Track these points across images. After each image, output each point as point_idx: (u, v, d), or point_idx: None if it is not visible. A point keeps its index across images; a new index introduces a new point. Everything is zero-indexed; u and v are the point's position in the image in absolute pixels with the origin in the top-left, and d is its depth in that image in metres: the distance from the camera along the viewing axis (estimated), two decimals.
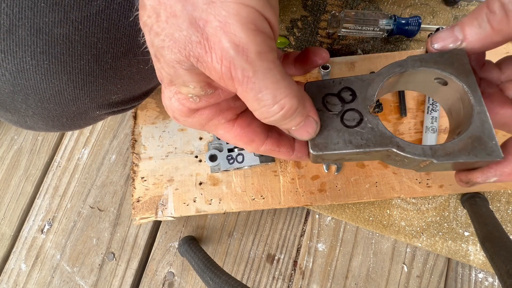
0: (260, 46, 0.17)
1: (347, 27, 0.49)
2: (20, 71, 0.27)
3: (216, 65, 0.17)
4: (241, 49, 0.16)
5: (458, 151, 0.21)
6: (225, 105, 0.23)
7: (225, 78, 0.17)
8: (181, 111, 0.22)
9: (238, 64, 0.17)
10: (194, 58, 0.17)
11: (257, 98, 0.18)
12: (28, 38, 0.26)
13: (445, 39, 0.22)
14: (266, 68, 0.17)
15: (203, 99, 0.21)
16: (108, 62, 0.30)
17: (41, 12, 0.25)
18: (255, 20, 0.17)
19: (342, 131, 0.23)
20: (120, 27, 0.29)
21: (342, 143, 0.23)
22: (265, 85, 0.18)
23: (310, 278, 0.50)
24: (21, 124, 0.33)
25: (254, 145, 0.24)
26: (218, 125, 0.23)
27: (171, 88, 0.21)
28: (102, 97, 0.33)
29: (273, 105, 0.18)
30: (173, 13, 0.17)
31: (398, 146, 0.22)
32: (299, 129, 0.21)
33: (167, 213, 0.48)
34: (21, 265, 0.56)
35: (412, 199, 0.49)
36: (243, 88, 0.18)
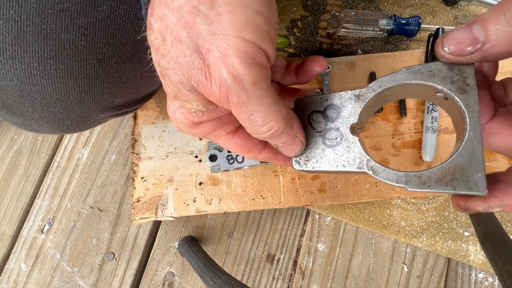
0: (255, 77, 0.19)
1: (347, 27, 0.49)
2: (27, 76, 0.28)
3: (215, 90, 0.19)
4: (237, 79, 0.18)
5: (434, 181, 0.19)
6: (226, 119, 0.24)
7: (222, 101, 0.20)
8: (185, 124, 0.23)
9: (234, 91, 0.19)
10: (195, 82, 0.19)
11: (249, 119, 0.20)
12: (35, 44, 0.27)
13: (462, 41, 0.17)
14: (259, 95, 0.19)
15: (206, 114, 0.23)
16: (113, 66, 0.31)
17: (49, 18, 0.26)
18: (253, 54, 0.18)
19: (323, 150, 0.24)
20: (125, 32, 0.30)
21: (322, 162, 0.24)
22: (256, 109, 0.20)
23: (310, 278, 0.50)
24: (26, 127, 0.34)
25: (253, 154, 0.27)
26: (220, 136, 0.25)
27: (175, 102, 0.23)
28: (107, 101, 0.34)
29: (262, 126, 0.21)
30: (179, 39, 0.18)
31: (372, 170, 0.21)
32: (285, 147, 0.23)
33: (167, 213, 0.48)
34: (21, 265, 0.56)
35: (412, 199, 0.49)
36: (238, 110, 0.20)
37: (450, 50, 0.18)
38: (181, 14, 0.18)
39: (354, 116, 0.23)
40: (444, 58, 0.18)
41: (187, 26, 0.18)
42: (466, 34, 0.17)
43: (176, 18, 0.18)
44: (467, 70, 0.19)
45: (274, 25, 0.19)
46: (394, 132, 0.48)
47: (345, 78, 0.50)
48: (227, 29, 0.17)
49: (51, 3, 0.26)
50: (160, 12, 0.18)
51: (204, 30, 0.18)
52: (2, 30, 0.26)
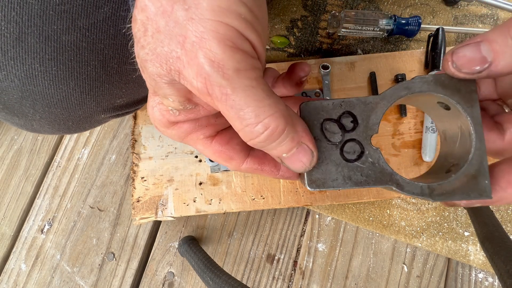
0: (239, 63, 0.16)
1: (347, 27, 0.49)
2: (28, 77, 0.28)
3: (193, 81, 0.17)
4: (216, 65, 0.16)
5: (453, 190, 0.20)
6: (204, 121, 0.22)
7: (202, 94, 0.17)
8: (161, 122, 0.22)
9: (215, 80, 0.16)
10: (176, 72, 0.17)
11: (239, 116, 0.17)
12: (37, 45, 0.27)
13: (471, 60, 0.18)
14: (247, 86, 0.17)
15: (182, 113, 0.21)
16: (114, 67, 0.31)
17: (50, 20, 0.26)
18: (233, 38, 0.16)
19: (342, 165, 0.21)
20: (126, 33, 0.30)
21: (341, 179, 0.21)
22: (246, 102, 0.17)
23: (310, 278, 0.50)
24: (27, 127, 0.34)
25: (234, 162, 0.23)
26: (197, 140, 0.23)
27: (155, 98, 0.21)
28: (108, 101, 0.34)
29: (256, 124, 0.17)
30: (158, 29, 0.17)
31: (397, 184, 0.20)
32: (291, 156, 0.20)
33: (167, 213, 0.48)
34: (21, 265, 0.56)
35: (412, 199, 0.49)
36: (223, 106, 0.17)
37: (459, 68, 0.18)
38: (160, 3, 0.17)
39: (374, 126, 0.21)
40: (453, 75, 0.19)
41: (165, 14, 0.17)
42: (475, 53, 0.17)
43: (155, 7, 0.17)
44: (471, 84, 0.20)
45: (261, 21, 0.18)
46: (394, 132, 0.48)
47: (345, 78, 0.50)
48: (205, 13, 0.16)
49: (52, 4, 0.26)
50: (142, 2, 0.17)
51: (181, 16, 0.16)
52: (3, 32, 0.26)
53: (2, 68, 0.27)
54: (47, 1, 0.25)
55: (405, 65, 0.49)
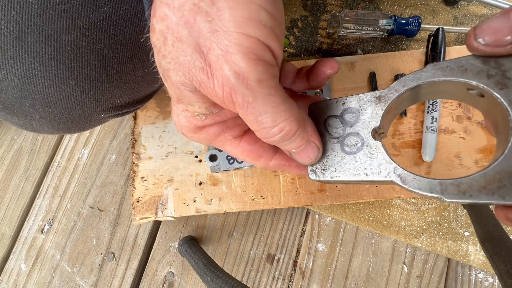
0: (260, 74, 0.17)
1: (347, 27, 0.49)
2: (28, 76, 0.28)
3: (218, 90, 0.18)
4: (241, 77, 0.17)
5: (477, 190, 0.16)
6: (231, 122, 0.23)
7: (226, 102, 0.18)
8: (188, 128, 0.22)
9: (239, 90, 0.17)
10: (197, 82, 0.18)
11: (257, 121, 0.19)
12: (36, 45, 0.27)
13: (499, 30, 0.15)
14: (266, 94, 0.18)
15: (209, 117, 0.21)
16: (114, 67, 0.31)
17: (50, 19, 0.26)
18: (257, 50, 0.17)
19: (342, 157, 0.21)
20: (126, 33, 0.30)
21: (341, 171, 0.21)
22: (264, 109, 0.18)
23: (310, 278, 0.50)
24: (27, 127, 0.34)
25: (263, 160, 0.25)
26: (225, 141, 0.24)
27: (179, 105, 0.22)
28: (108, 101, 0.34)
29: (272, 128, 0.19)
30: (179, 38, 0.18)
31: (400, 178, 0.19)
32: (299, 152, 0.21)
33: (167, 213, 0.48)
34: (21, 265, 0.56)
35: (412, 199, 0.49)
36: (244, 112, 0.18)
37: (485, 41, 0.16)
38: (182, 13, 0.17)
39: (376, 119, 0.21)
40: (479, 51, 0.16)
41: (188, 24, 0.17)
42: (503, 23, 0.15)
43: (177, 17, 0.17)
44: (506, 62, 0.16)
45: (280, 22, 0.18)
46: (394, 132, 0.48)
47: (345, 78, 0.50)
48: (228, 25, 0.16)
49: (52, 4, 0.26)
50: (161, 12, 0.18)
51: (205, 28, 0.17)
52: (3, 31, 0.26)
53: (1, 67, 0.27)
54: (47, 1, 0.25)
55: (405, 65, 0.49)
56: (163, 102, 0.51)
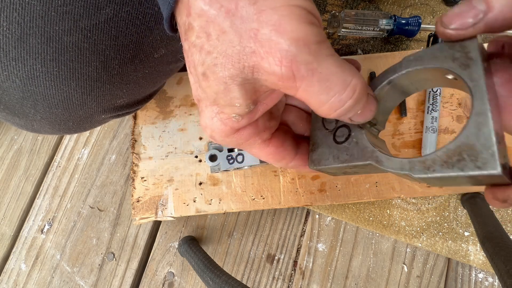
0: (318, 36, 0.17)
1: (347, 27, 0.49)
2: (30, 78, 0.28)
3: (276, 68, 0.17)
4: (302, 42, 0.16)
5: (439, 165, 0.17)
6: (261, 125, 0.23)
7: (285, 79, 0.17)
8: (223, 131, 0.21)
9: (301, 58, 0.17)
10: (249, 68, 0.18)
11: (326, 87, 0.17)
12: (38, 46, 0.27)
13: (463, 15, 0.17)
14: (328, 55, 0.17)
15: (245, 117, 0.21)
16: (115, 68, 0.31)
17: (52, 21, 0.26)
18: (307, 16, 0.17)
19: (333, 147, 0.24)
20: (128, 34, 0.30)
21: (331, 158, 0.23)
22: (331, 71, 0.17)
23: (310, 278, 0.50)
24: (28, 127, 0.34)
25: (284, 161, 0.25)
26: (254, 144, 0.24)
27: (212, 108, 0.21)
28: (108, 102, 0.34)
29: (344, 90, 0.18)
30: (223, 30, 0.17)
31: (377, 160, 0.21)
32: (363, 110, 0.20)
33: (167, 213, 0.48)
34: (21, 265, 0.56)
35: (412, 199, 0.49)
36: (308, 83, 0.17)
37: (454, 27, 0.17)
38: (220, 4, 0.17)
39: None
40: (445, 35, 0.18)
41: (229, 13, 0.17)
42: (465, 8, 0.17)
43: (215, 9, 0.17)
44: (469, 44, 0.18)
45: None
46: (394, 132, 0.48)
47: None
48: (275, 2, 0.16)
49: (55, 5, 0.26)
50: (196, 8, 0.17)
51: (250, 11, 0.17)
52: (5, 32, 0.26)
53: (3, 69, 0.27)
54: (49, 2, 0.26)
55: None
56: (163, 102, 0.51)
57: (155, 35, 0.32)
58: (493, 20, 0.16)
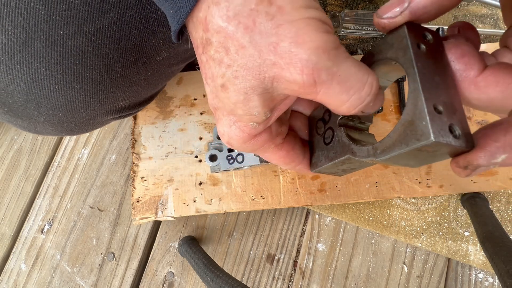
0: (334, 43, 0.18)
1: (347, 27, 0.49)
2: (34, 81, 0.28)
3: (297, 77, 0.18)
4: (321, 50, 0.18)
5: (392, 144, 0.19)
6: (275, 131, 0.24)
7: (306, 86, 0.18)
8: (241, 138, 0.23)
9: (322, 65, 0.18)
10: (270, 78, 0.19)
11: (346, 87, 0.19)
12: (43, 50, 0.27)
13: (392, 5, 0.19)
14: (345, 58, 0.19)
15: (262, 124, 0.22)
16: (118, 71, 0.31)
17: (56, 25, 0.26)
18: (323, 26, 0.18)
19: (324, 148, 0.26)
20: (131, 38, 0.30)
21: (324, 159, 0.26)
22: (350, 73, 0.19)
23: (310, 278, 0.50)
24: (30, 129, 0.35)
25: (293, 164, 0.26)
26: (268, 149, 0.25)
27: (231, 117, 0.22)
28: (111, 104, 0.34)
29: (363, 88, 0.19)
30: (242, 45, 0.18)
31: (352, 152, 0.22)
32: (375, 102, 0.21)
33: (167, 213, 0.48)
34: (21, 265, 0.56)
35: (412, 199, 0.49)
36: (328, 86, 0.18)
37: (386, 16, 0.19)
38: (238, 20, 0.18)
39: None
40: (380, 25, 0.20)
41: (248, 30, 0.18)
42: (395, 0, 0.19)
43: (233, 25, 0.18)
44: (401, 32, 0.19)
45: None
46: None
47: None
48: (292, 16, 0.17)
49: (59, 10, 0.26)
50: (214, 24, 0.18)
51: (268, 27, 0.18)
52: (10, 36, 0.26)
53: (8, 72, 0.28)
54: (54, 7, 0.26)
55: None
56: (163, 102, 0.51)
57: (157, 38, 0.32)
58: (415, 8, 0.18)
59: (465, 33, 0.21)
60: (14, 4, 0.25)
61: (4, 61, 0.27)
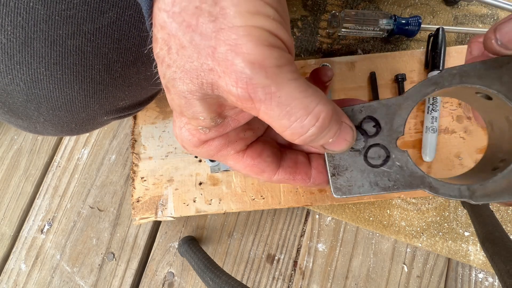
0: (278, 59, 0.16)
1: (347, 27, 0.49)
2: (34, 81, 0.28)
3: (232, 89, 0.16)
4: (257, 66, 0.16)
5: (500, 191, 0.18)
6: (233, 136, 0.22)
7: (242, 100, 0.17)
8: (191, 142, 0.21)
9: (258, 82, 0.16)
10: (208, 84, 0.17)
11: (287, 112, 0.17)
12: (42, 50, 0.27)
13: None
14: (290, 79, 0.16)
15: (213, 130, 0.20)
16: (118, 71, 0.31)
17: (56, 25, 0.26)
18: (268, 38, 0.16)
19: (367, 171, 0.20)
20: (130, 37, 0.30)
21: (368, 185, 0.20)
22: (292, 96, 0.16)
23: (310, 278, 0.50)
24: (30, 129, 0.35)
25: (266, 175, 0.23)
26: (228, 156, 0.23)
27: (181, 118, 0.20)
28: (111, 104, 0.34)
29: (306, 117, 0.17)
30: (182, 45, 0.17)
31: (430, 187, 0.19)
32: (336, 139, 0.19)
33: (167, 213, 0.48)
34: (21, 265, 0.56)
35: (412, 199, 0.49)
36: (267, 106, 0.16)
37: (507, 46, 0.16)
38: (183, 18, 0.16)
39: (400, 128, 0.20)
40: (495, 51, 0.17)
41: (190, 29, 0.16)
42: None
43: (177, 23, 0.16)
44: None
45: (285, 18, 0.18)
46: None
47: (345, 78, 0.49)
48: (234, 21, 0.16)
49: (58, 9, 0.26)
50: (160, 20, 0.17)
51: (208, 29, 0.16)
52: (9, 36, 0.26)
53: (8, 72, 0.28)
54: (53, 7, 0.26)
55: (405, 65, 0.49)
56: (163, 102, 0.51)
57: None
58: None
59: None
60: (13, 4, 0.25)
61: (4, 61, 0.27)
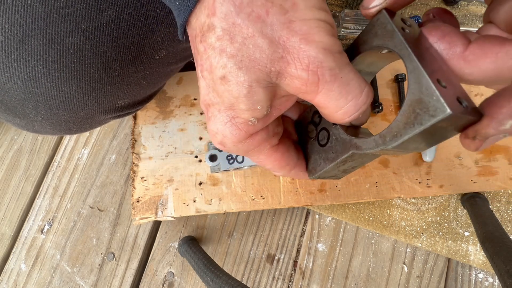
0: (339, 46, 0.19)
1: (347, 27, 0.49)
2: (31, 79, 0.28)
3: (302, 73, 0.18)
4: (328, 51, 0.18)
5: (403, 128, 0.18)
6: (271, 130, 0.23)
7: (309, 84, 0.19)
8: (237, 136, 0.21)
9: (327, 65, 0.18)
10: (275, 73, 0.19)
11: (345, 91, 0.19)
12: (40, 48, 0.27)
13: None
14: (347, 63, 0.19)
15: (260, 121, 0.21)
16: (116, 69, 0.31)
17: (53, 22, 0.26)
18: (331, 30, 0.19)
19: (320, 151, 0.25)
20: (129, 36, 0.30)
21: (322, 162, 0.25)
22: (350, 77, 0.19)
23: (310, 278, 0.50)
24: (28, 128, 0.34)
25: (288, 168, 0.26)
26: (262, 151, 0.24)
27: (228, 112, 0.21)
28: (109, 103, 0.34)
29: (361, 95, 0.20)
30: (251, 34, 0.18)
31: (356, 147, 0.22)
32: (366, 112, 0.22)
33: (167, 213, 0.48)
34: (21, 265, 0.56)
35: (412, 199, 0.49)
36: (330, 87, 0.19)
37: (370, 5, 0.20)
38: (251, 9, 0.17)
39: None
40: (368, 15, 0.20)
41: (259, 19, 0.18)
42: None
43: (245, 13, 0.17)
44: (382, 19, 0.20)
45: None
46: None
47: None
48: (305, 15, 0.18)
49: (56, 7, 0.26)
50: (225, 9, 0.18)
51: (280, 20, 0.18)
52: (7, 34, 0.26)
53: (5, 70, 0.27)
54: (51, 4, 0.26)
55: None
56: (163, 102, 0.51)
57: (156, 36, 0.32)
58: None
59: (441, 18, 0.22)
60: (11, 2, 0.25)
61: (1, 59, 0.27)
